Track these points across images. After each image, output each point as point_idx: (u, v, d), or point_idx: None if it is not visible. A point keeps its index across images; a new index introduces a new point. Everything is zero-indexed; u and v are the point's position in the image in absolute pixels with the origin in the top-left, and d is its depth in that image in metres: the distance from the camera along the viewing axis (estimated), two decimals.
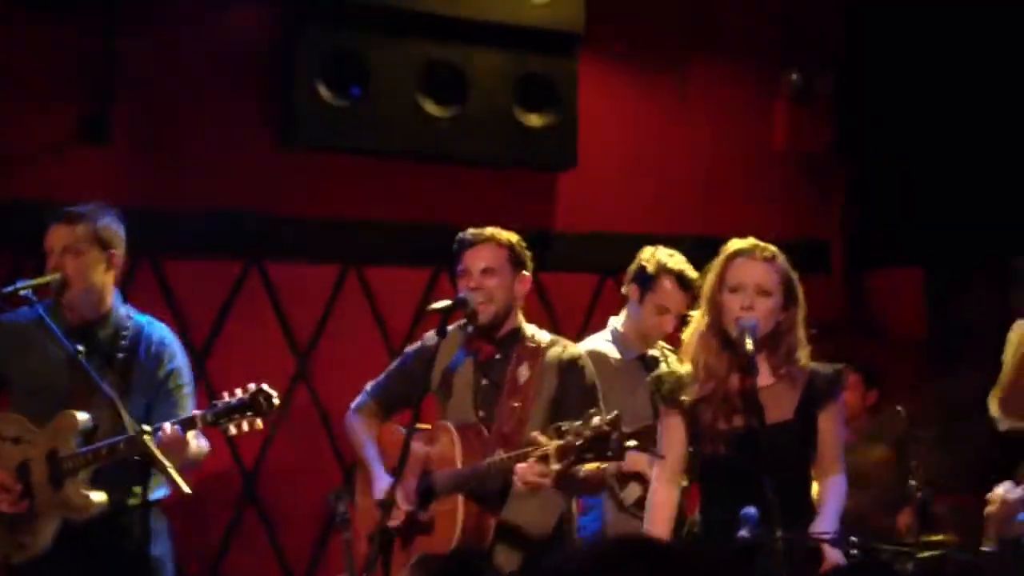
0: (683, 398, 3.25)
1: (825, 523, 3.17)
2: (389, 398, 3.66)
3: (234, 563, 4.72)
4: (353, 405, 3.72)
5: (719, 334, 3.22)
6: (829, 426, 3.26)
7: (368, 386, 3.72)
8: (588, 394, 3.48)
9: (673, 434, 3.30)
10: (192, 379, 3.65)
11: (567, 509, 3.56)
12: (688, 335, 3.31)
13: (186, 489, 3.39)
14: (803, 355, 3.26)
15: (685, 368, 3.30)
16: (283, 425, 4.83)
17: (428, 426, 3.55)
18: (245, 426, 3.31)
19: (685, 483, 3.38)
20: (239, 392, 3.29)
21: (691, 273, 4.06)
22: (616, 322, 4.26)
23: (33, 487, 3.47)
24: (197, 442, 3.48)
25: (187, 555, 4.62)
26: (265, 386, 3.26)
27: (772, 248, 3.27)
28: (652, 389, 3.37)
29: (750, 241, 3.27)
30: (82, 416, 3.42)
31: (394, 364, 3.73)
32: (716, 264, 3.26)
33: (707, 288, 3.26)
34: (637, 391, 4.08)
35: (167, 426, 3.29)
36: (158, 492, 3.51)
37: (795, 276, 3.27)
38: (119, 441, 3.33)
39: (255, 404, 3.24)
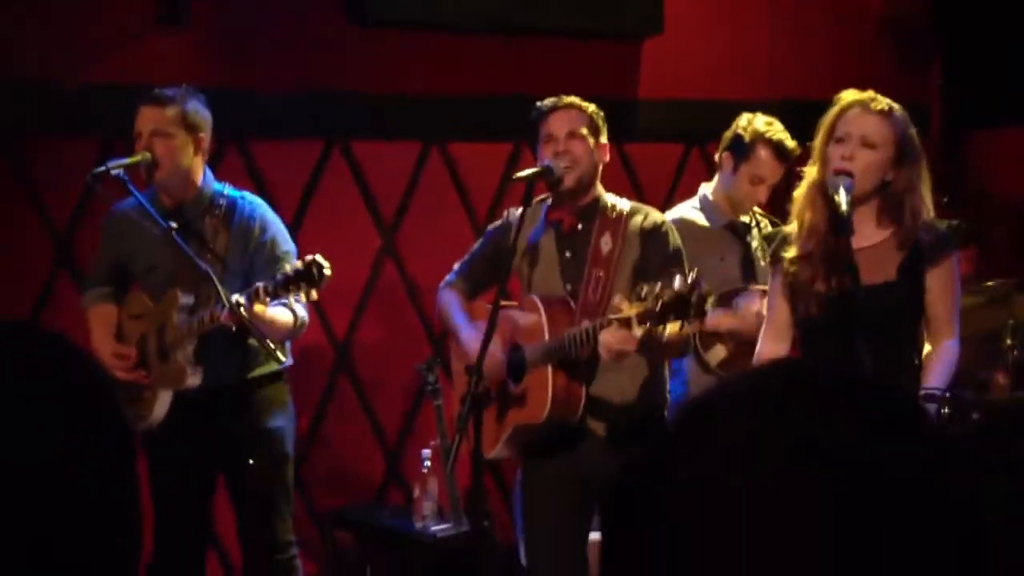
0: (785, 255, 3.19)
1: (928, 384, 3.07)
2: (475, 277, 3.67)
3: (330, 430, 4.83)
4: (442, 283, 3.75)
5: (822, 189, 3.11)
6: (939, 285, 3.11)
7: (456, 265, 3.75)
8: (671, 259, 3.41)
9: (777, 292, 3.25)
10: (293, 247, 3.69)
11: (657, 374, 3.54)
12: (799, 191, 3.21)
13: (282, 358, 3.51)
14: (925, 216, 3.10)
15: (792, 226, 3.21)
16: (372, 299, 4.89)
17: (515, 303, 3.55)
18: (302, 297, 3.35)
19: None
20: (297, 263, 3.33)
21: (789, 143, 3.95)
22: (706, 189, 4.17)
23: (148, 360, 3.65)
24: (286, 311, 3.53)
25: None
26: (318, 257, 3.28)
27: (888, 101, 3.11)
28: (762, 248, 3.30)
29: (867, 93, 3.13)
30: (183, 293, 3.55)
31: (477, 244, 3.73)
32: (828, 115, 3.14)
33: (817, 140, 3.15)
34: (727, 258, 4.05)
35: (235, 297, 3.36)
36: (271, 365, 3.60)
37: (914, 133, 3.11)
38: (213, 312, 3.44)
39: (308, 275, 3.27)
